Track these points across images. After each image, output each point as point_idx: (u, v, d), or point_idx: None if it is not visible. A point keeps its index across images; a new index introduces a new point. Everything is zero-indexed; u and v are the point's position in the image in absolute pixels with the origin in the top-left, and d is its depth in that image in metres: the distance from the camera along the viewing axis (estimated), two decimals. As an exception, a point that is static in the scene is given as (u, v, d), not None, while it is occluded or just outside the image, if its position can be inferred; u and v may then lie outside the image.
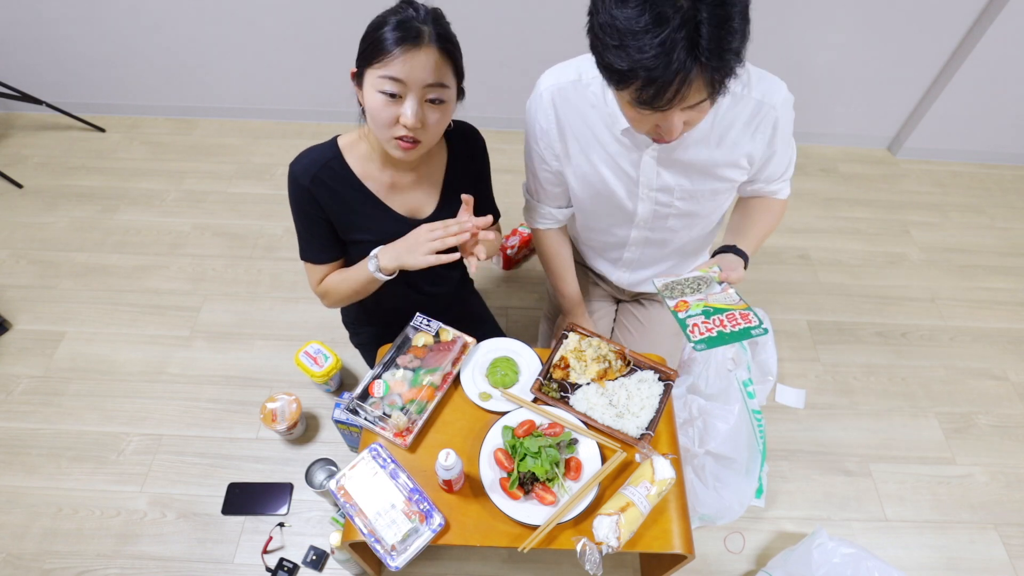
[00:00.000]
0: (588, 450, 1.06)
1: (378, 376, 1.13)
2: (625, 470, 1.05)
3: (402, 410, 1.08)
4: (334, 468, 1.50)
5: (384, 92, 0.91)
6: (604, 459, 1.05)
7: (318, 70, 2.43)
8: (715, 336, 0.91)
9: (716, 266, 1.02)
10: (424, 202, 1.16)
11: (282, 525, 1.46)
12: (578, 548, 0.91)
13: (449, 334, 1.20)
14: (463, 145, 1.17)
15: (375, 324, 1.45)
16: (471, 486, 1.03)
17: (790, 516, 1.54)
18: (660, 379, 1.14)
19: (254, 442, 1.62)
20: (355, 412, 1.09)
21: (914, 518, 1.55)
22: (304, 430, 1.64)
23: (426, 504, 0.98)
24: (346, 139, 1.09)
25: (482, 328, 1.45)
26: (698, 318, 0.93)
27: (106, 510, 1.49)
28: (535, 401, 1.12)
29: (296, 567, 1.41)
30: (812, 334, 1.95)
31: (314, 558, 1.41)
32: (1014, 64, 2.21)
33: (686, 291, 0.99)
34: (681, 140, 1.00)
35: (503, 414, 1.11)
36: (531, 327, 1.92)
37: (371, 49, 0.91)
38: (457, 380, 1.15)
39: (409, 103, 0.92)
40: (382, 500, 0.98)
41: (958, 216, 2.39)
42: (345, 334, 1.56)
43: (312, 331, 1.85)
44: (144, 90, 2.54)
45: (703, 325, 0.92)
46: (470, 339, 1.20)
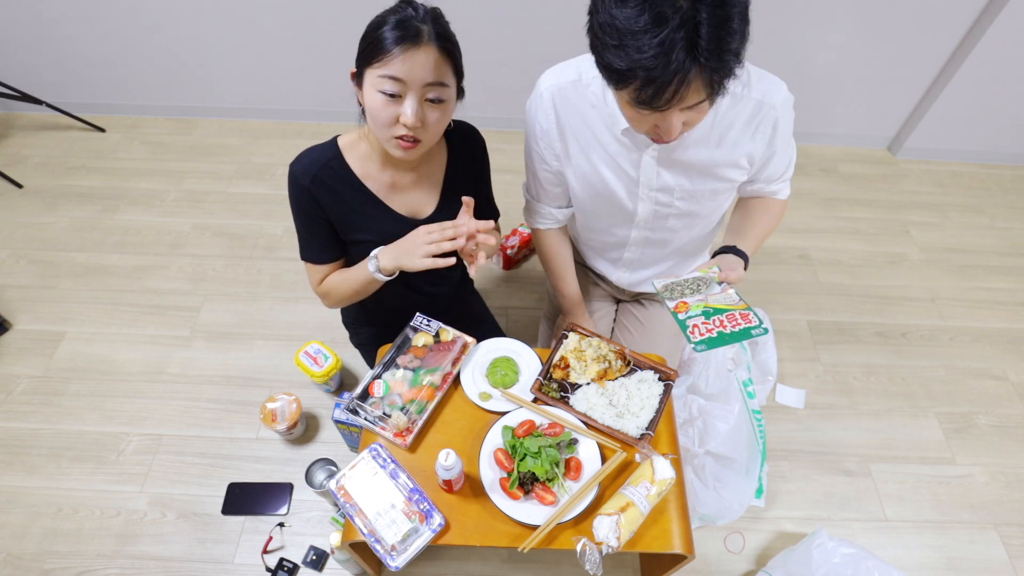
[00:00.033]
0: (588, 450, 1.06)
1: (378, 376, 1.13)
2: (625, 470, 1.05)
3: (402, 410, 1.08)
4: (334, 468, 1.50)
5: (384, 92, 0.91)
6: (604, 459, 1.05)
7: (318, 70, 2.43)
8: (715, 337, 0.91)
9: (716, 267, 1.02)
10: (424, 202, 1.16)
11: (282, 525, 1.46)
12: (578, 548, 0.91)
13: (449, 334, 1.20)
14: (463, 145, 1.17)
15: (375, 324, 1.45)
16: (471, 486, 1.02)
17: (790, 516, 1.54)
18: (660, 379, 1.14)
19: (254, 442, 1.62)
20: (355, 412, 1.09)
21: (914, 518, 1.55)
22: (304, 430, 1.64)
23: (426, 504, 0.98)
24: (346, 139, 1.09)
25: (482, 328, 1.45)
26: (698, 319, 0.93)
27: (106, 510, 1.49)
28: (535, 401, 1.12)
29: (296, 567, 1.41)
30: (812, 334, 1.95)
31: (314, 558, 1.41)
32: (1014, 64, 2.21)
33: (686, 292, 0.99)
34: (681, 140, 1.01)
35: (503, 414, 1.11)
36: (531, 327, 1.92)
37: (370, 49, 0.91)
38: (457, 380, 1.15)
39: (409, 102, 0.92)
40: (382, 500, 0.98)
41: (958, 216, 2.39)
42: (345, 334, 1.56)
43: (312, 331, 1.85)
44: (144, 90, 2.54)
45: (703, 326, 0.92)
46: (470, 339, 1.20)
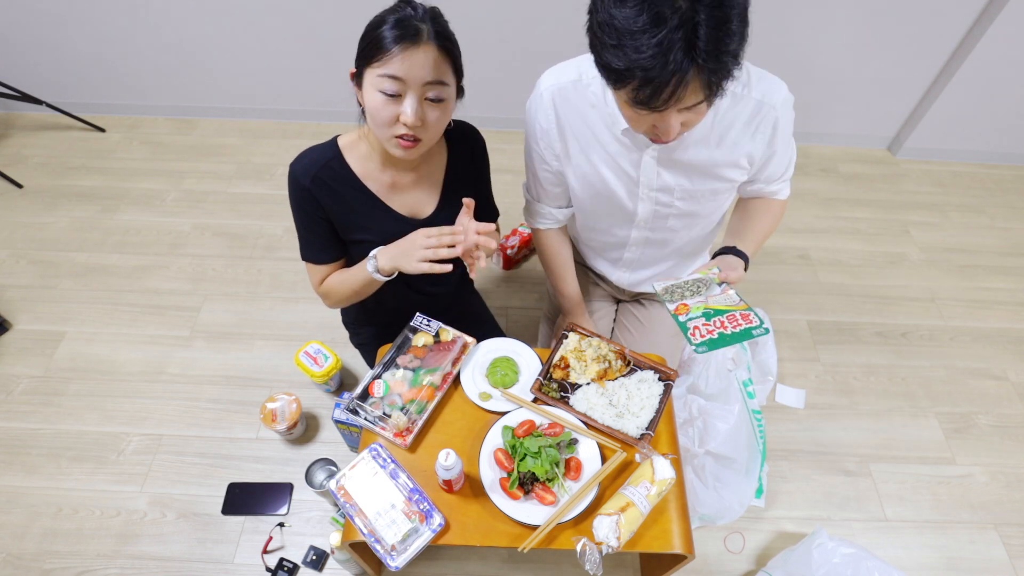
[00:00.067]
0: (588, 450, 1.06)
1: (378, 376, 1.13)
2: (625, 470, 1.05)
3: (402, 410, 1.08)
4: (334, 468, 1.50)
5: (384, 91, 0.91)
6: (604, 459, 1.05)
7: (318, 70, 2.43)
8: (716, 338, 0.91)
9: (715, 268, 1.02)
10: (424, 202, 1.16)
11: (282, 525, 1.46)
12: (578, 548, 0.91)
13: (449, 334, 1.20)
14: (463, 145, 1.17)
15: (375, 324, 1.45)
16: (471, 486, 1.03)
17: (790, 516, 1.54)
18: (660, 379, 1.14)
19: (254, 442, 1.62)
20: (355, 412, 1.09)
21: (914, 518, 1.55)
22: (304, 430, 1.64)
23: (426, 504, 0.98)
24: (346, 139, 1.09)
25: (482, 328, 1.45)
26: (699, 320, 0.93)
27: (106, 510, 1.49)
28: (535, 401, 1.12)
29: (296, 567, 1.41)
30: (812, 334, 1.95)
31: (314, 558, 1.41)
32: (1014, 64, 2.21)
33: (686, 294, 0.99)
34: (681, 140, 1.01)
35: (503, 414, 1.11)
36: (531, 327, 1.92)
37: (370, 48, 0.91)
38: (457, 380, 1.15)
39: (409, 101, 0.92)
40: (382, 500, 0.98)
41: (958, 216, 2.39)
42: (345, 334, 1.56)
43: (312, 331, 1.85)
44: (144, 90, 2.54)
45: (704, 327, 0.92)
46: (470, 339, 1.20)
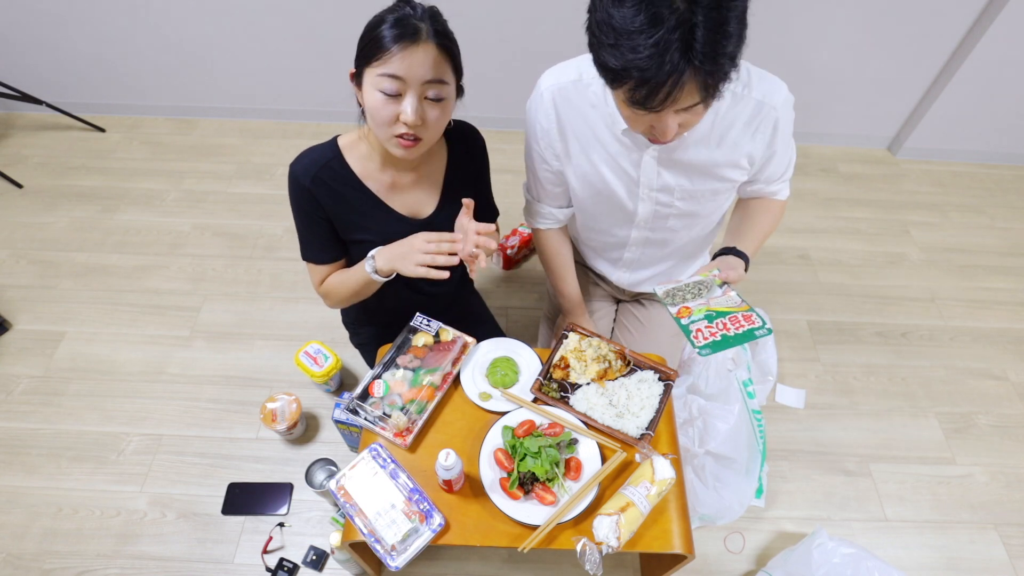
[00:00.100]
0: (588, 450, 1.06)
1: (378, 376, 1.13)
2: (625, 470, 1.05)
3: (402, 410, 1.08)
4: (334, 468, 1.50)
5: (383, 91, 0.91)
6: (604, 459, 1.05)
7: (318, 70, 2.43)
8: (719, 340, 0.91)
9: (716, 269, 1.02)
10: (425, 202, 1.16)
11: (282, 525, 1.46)
12: (578, 548, 0.91)
13: (449, 334, 1.20)
14: (463, 145, 1.17)
15: (375, 324, 1.45)
16: (471, 486, 1.03)
17: (790, 516, 1.54)
18: (660, 379, 1.14)
19: (254, 442, 1.62)
20: (355, 412, 1.09)
21: (914, 518, 1.55)
22: (304, 430, 1.64)
23: (426, 504, 0.98)
24: (346, 139, 1.09)
25: (482, 328, 1.45)
26: (701, 323, 0.93)
27: (106, 510, 1.49)
28: (535, 401, 1.12)
29: (296, 567, 1.41)
30: (812, 334, 1.95)
31: (314, 558, 1.41)
32: (1014, 64, 2.21)
33: (687, 296, 0.99)
34: (681, 140, 1.01)
35: (503, 414, 1.11)
36: (531, 327, 1.92)
37: (369, 47, 0.91)
38: (457, 380, 1.15)
39: (409, 100, 0.92)
40: (382, 500, 0.98)
41: (958, 216, 2.39)
42: (345, 334, 1.56)
43: (312, 331, 1.85)
44: (144, 90, 2.54)
45: (707, 330, 0.92)
46: (470, 339, 1.20)
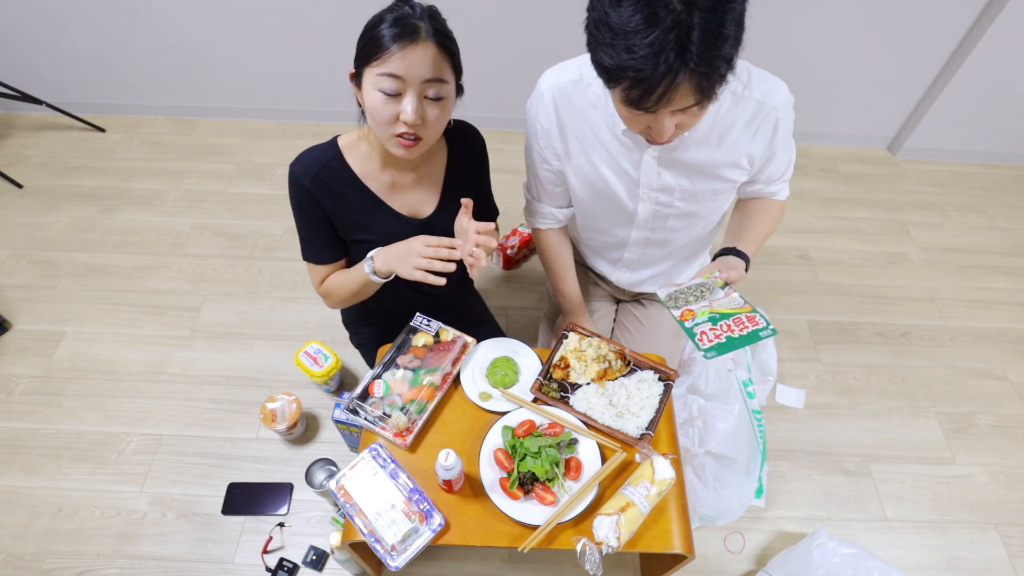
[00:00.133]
0: (588, 450, 1.06)
1: (378, 376, 1.13)
2: (625, 470, 1.05)
3: (402, 410, 1.08)
4: (334, 468, 1.50)
5: (383, 90, 0.91)
6: (604, 459, 1.05)
7: (318, 70, 2.43)
8: (724, 342, 0.90)
9: (716, 271, 1.02)
10: (425, 202, 1.16)
11: (282, 525, 1.46)
12: (578, 548, 0.91)
13: (449, 334, 1.20)
14: (463, 144, 1.17)
15: (375, 324, 1.45)
16: (471, 486, 1.03)
17: (790, 516, 1.54)
18: (660, 379, 1.14)
19: (254, 442, 1.62)
20: (355, 412, 1.09)
21: (914, 518, 1.55)
22: (304, 430, 1.64)
23: (426, 504, 0.98)
24: (346, 139, 1.09)
25: (482, 328, 1.45)
26: (705, 325, 0.93)
27: (106, 510, 1.49)
28: (535, 401, 1.12)
29: (296, 567, 1.41)
30: (812, 334, 1.95)
31: (314, 558, 1.41)
32: (1014, 64, 2.21)
33: (690, 299, 0.99)
34: (682, 140, 1.01)
35: (503, 414, 1.11)
36: (531, 327, 1.92)
37: (369, 47, 0.91)
38: (457, 380, 1.15)
39: (408, 99, 0.92)
40: (382, 500, 0.98)
41: (958, 216, 2.39)
42: (345, 334, 1.56)
43: (312, 331, 1.85)
44: (144, 90, 2.54)
45: (711, 332, 0.92)
46: (470, 339, 1.20)
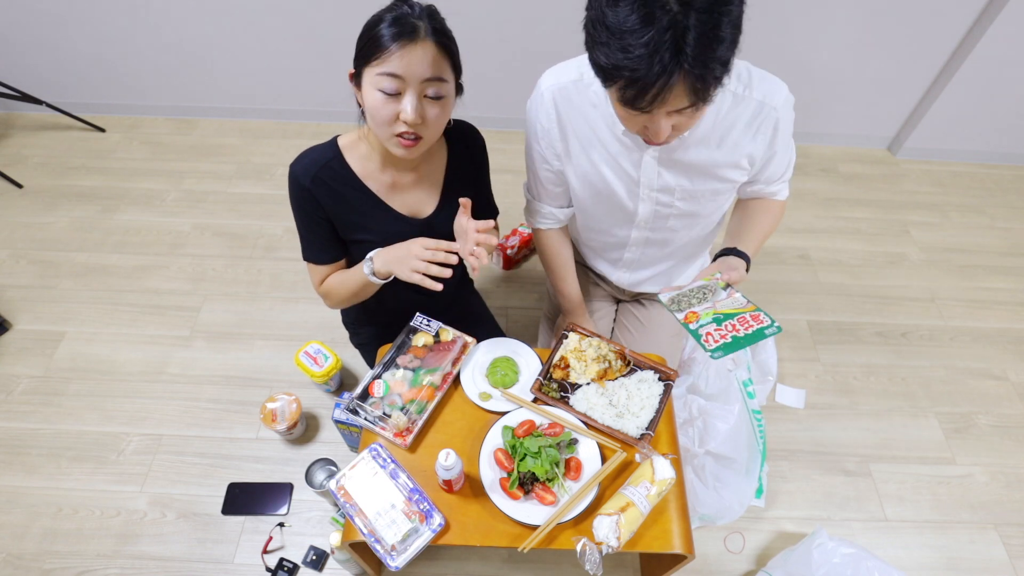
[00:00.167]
0: (588, 450, 1.06)
1: (378, 376, 1.13)
2: (625, 470, 1.05)
3: (402, 410, 1.08)
4: (334, 468, 1.50)
5: (383, 90, 0.91)
6: (604, 459, 1.05)
7: (318, 70, 2.43)
8: (730, 342, 0.90)
9: (717, 272, 1.02)
10: (425, 201, 1.16)
11: (282, 525, 1.46)
12: (578, 548, 0.91)
13: (449, 334, 1.20)
14: (463, 144, 1.17)
15: (375, 324, 1.45)
16: (471, 486, 1.03)
17: (790, 516, 1.54)
18: (660, 379, 1.14)
19: (254, 442, 1.62)
20: (355, 412, 1.09)
21: (914, 518, 1.55)
22: (304, 430, 1.64)
23: (426, 504, 0.98)
24: (346, 139, 1.09)
25: (482, 328, 1.45)
26: (710, 326, 0.93)
27: (106, 510, 1.49)
28: (535, 401, 1.12)
29: (296, 567, 1.41)
30: (812, 334, 1.95)
31: (314, 558, 1.41)
32: (1014, 64, 2.21)
33: (693, 302, 0.99)
34: (682, 141, 1.01)
35: (503, 414, 1.11)
36: (531, 327, 1.92)
37: (368, 47, 0.91)
38: (457, 380, 1.15)
39: (408, 98, 0.92)
40: (382, 500, 0.98)
41: (958, 216, 2.39)
42: (345, 334, 1.56)
43: (312, 331, 1.85)
44: (144, 90, 2.54)
45: (716, 333, 0.92)
46: (470, 339, 1.20)
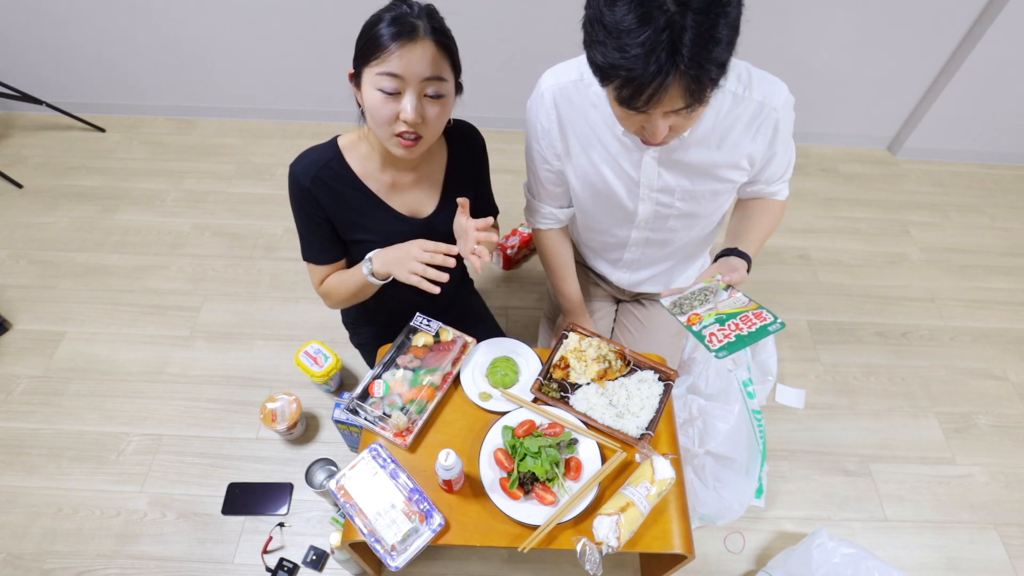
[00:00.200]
0: (588, 450, 1.06)
1: (378, 376, 1.13)
2: (625, 470, 1.05)
3: (402, 410, 1.08)
4: (334, 468, 1.50)
5: (383, 89, 0.91)
6: (604, 459, 1.05)
7: (318, 70, 2.43)
8: (734, 340, 0.90)
9: (718, 274, 1.02)
10: (425, 201, 1.16)
11: (282, 525, 1.46)
12: (578, 548, 0.91)
13: (449, 334, 1.20)
14: (463, 144, 1.17)
15: (375, 324, 1.45)
16: (471, 486, 1.03)
17: (790, 516, 1.54)
18: (660, 379, 1.14)
19: (254, 442, 1.62)
20: (355, 412, 1.09)
21: (914, 518, 1.55)
22: (304, 430, 1.64)
23: (426, 504, 0.98)
24: (346, 139, 1.09)
25: (482, 328, 1.45)
26: (713, 327, 0.93)
27: (106, 510, 1.49)
28: (535, 401, 1.12)
29: (296, 567, 1.41)
30: (812, 334, 1.95)
31: (314, 558, 1.41)
32: (1014, 64, 2.21)
33: (695, 304, 0.99)
34: (682, 141, 1.01)
35: (503, 414, 1.11)
36: (531, 327, 1.92)
37: (367, 47, 0.91)
38: (457, 380, 1.15)
39: (408, 98, 0.92)
40: (382, 500, 0.98)
41: (958, 216, 2.39)
42: (345, 334, 1.56)
43: (312, 331, 1.85)
44: (144, 90, 2.54)
45: (720, 332, 0.92)
46: (470, 339, 1.20)
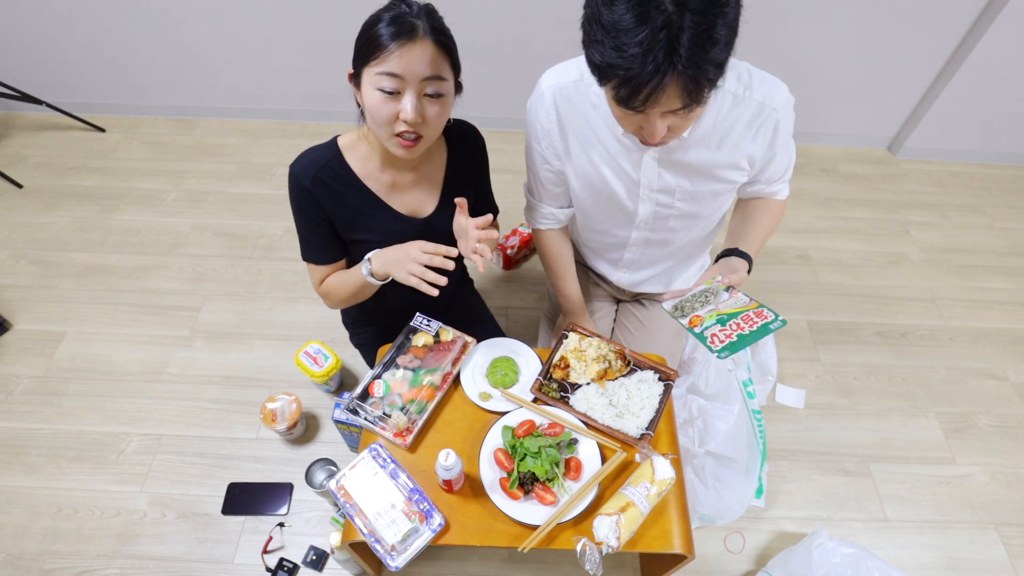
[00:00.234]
0: (588, 450, 1.06)
1: (378, 376, 1.13)
2: (625, 470, 1.05)
3: (402, 410, 1.08)
4: (334, 468, 1.50)
5: (383, 89, 0.91)
6: (604, 459, 1.05)
7: (318, 70, 2.43)
8: (736, 340, 0.90)
9: (718, 276, 1.02)
10: (425, 201, 1.16)
11: (282, 525, 1.46)
12: (578, 548, 0.91)
13: (449, 334, 1.20)
14: (463, 144, 1.17)
15: (375, 324, 1.45)
16: (471, 486, 1.03)
17: (790, 516, 1.54)
18: (660, 379, 1.14)
19: (254, 442, 1.62)
20: (355, 412, 1.09)
21: (914, 518, 1.55)
22: (304, 430, 1.64)
23: (426, 504, 0.98)
24: (346, 139, 1.09)
25: (482, 328, 1.45)
26: (714, 327, 0.93)
27: (106, 510, 1.49)
28: (535, 401, 1.12)
29: (296, 567, 1.41)
30: (812, 334, 1.95)
31: (314, 558, 1.41)
32: (1014, 64, 2.21)
33: (696, 306, 0.99)
34: (682, 141, 1.01)
35: (503, 414, 1.11)
36: (531, 327, 1.92)
37: (367, 47, 0.91)
38: (457, 380, 1.15)
39: (408, 97, 0.92)
40: (382, 500, 0.98)
41: (958, 216, 2.39)
42: (345, 334, 1.56)
43: (312, 331, 1.85)
44: (144, 90, 2.54)
45: (721, 333, 0.92)
46: (470, 339, 1.20)
